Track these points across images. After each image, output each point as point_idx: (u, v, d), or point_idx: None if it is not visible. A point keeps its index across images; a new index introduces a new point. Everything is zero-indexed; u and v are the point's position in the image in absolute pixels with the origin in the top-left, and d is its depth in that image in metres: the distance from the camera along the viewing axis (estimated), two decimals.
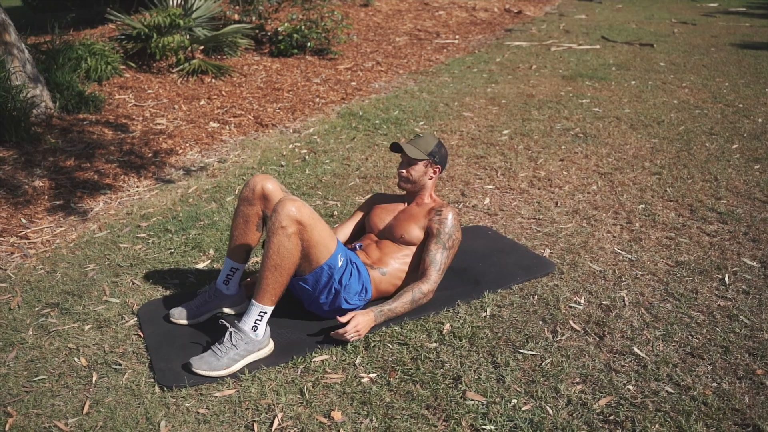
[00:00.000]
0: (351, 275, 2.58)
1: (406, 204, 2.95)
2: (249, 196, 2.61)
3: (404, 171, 2.86)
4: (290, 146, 4.93)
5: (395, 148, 2.88)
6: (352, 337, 2.48)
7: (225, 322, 2.43)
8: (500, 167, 4.41)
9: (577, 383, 2.26)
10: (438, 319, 2.65)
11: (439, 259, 2.70)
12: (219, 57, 7.26)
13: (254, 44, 7.88)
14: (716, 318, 2.64)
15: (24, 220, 3.63)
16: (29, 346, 2.53)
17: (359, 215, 3.08)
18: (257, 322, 2.37)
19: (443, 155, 2.91)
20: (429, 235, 2.76)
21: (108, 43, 6.50)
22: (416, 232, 2.78)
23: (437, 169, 2.89)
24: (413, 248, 2.78)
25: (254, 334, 2.37)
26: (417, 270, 2.76)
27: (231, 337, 2.36)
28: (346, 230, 3.05)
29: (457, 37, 9.93)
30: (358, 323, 2.49)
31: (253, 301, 2.37)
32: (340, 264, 2.50)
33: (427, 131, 2.78)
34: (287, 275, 2.36)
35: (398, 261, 2.77)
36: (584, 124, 5.37)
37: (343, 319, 2.49)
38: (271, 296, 2.36)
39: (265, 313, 2.38)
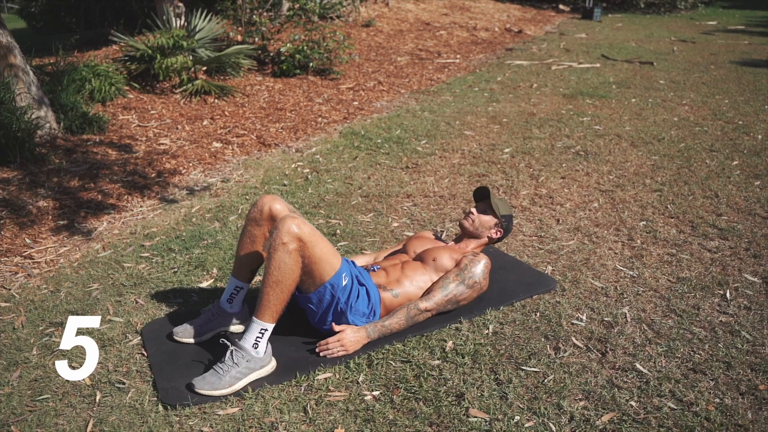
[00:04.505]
0: (358, 296, 2.58)
1: (450, 243, 3.04)
2: (257, 216, 2.63)
3: (475, 212, 2.97)
4: (293, 166, 4.96)
5: (482, 191, 3.02)
6: (337, 351, 2.49)
7: (226, 341, 2.44)
8: (502, 185, 4.43)
9: (580, 400, 2.26)
10: (441, 336, 2.65)
11: (451, 288, 2.71)
12: (222, 77, 7.32)
13: (257, 65, 7.94)
14: (718, 334, 2.64)
15: (28, 240, 3.65)
16: (33, 365, 2.54)
17: (401, 244, 3.12)
18: (258, 339, 2.38)
19: (509, 228, 3.04)
20: (455, 267, 2.79)
21: (112, 64, 6.56)
22: (446, 261, 2.79)
23: (499, 233, 3.00)
24: (436, 277, 2.78)
25: (255, 351, 2.37)
26: None
27: (232, 355, 2.36)
28: (384, 255, 3.09)
29: (458, 56, 10.01)
30: (343, 338, 2.50)
31: (253, 318, 2.38)
32: (344, 283, 2.51)
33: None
34: (288, 292, 2.37)
35: (415, 285, 2.75)
36: (585, 142, 5.40)
37: (337, 328, 2.53)
38: (272, 313, 2.37)
39: (266, 330, 2.38)
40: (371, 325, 2.57)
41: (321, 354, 2.52)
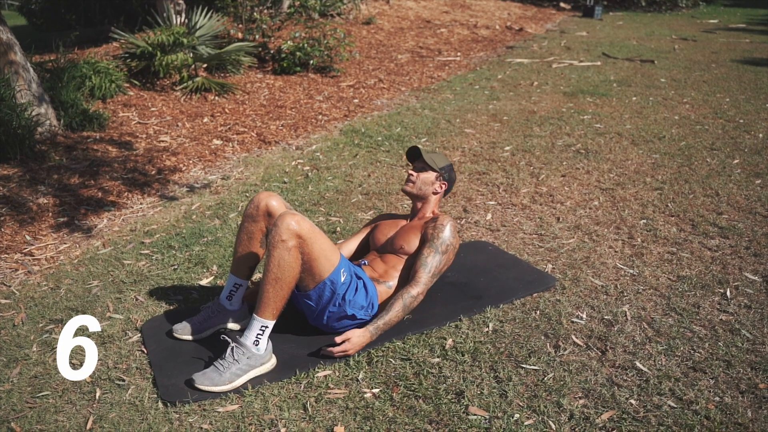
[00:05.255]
0: (357, 290, 2.59)
1: (408, 220, 3.01)
2: (253, 212, 2.63)
3: (414, 174, 2.95)
4: (293, 163, 4.95)
5: (414, 151, 3.01)
6: (339, 355, 2.48)
7: (226, 338, 2.44)
8: (502, 183, 4.43)
9: (580, 398, 2.26)
10: (440, 334, 2.65)
11: (430, 262, 2.71)
12: (222, 75, 7.31)
13: (257, 62, 7.94)
14: (718, 332, 2.64)
15: (28, 237, 3.65)
16: (33, 362, 2.54)
17: (364, 232, 3.12)
18: (259, 336, 2.38)
19: (452, 177, 3.03)
20: (423, 241, 2.79)
21: (112, 61, 6.55)
22: (414, 242, 2.81)
23: (444, 186, 2.98)
24: (413, 261, 2.80)
25: (256, 348, 2.37)
26: None
27: (233, 352, 2.36)
28: (351, 246, 3.07)
29: (458, 54, 10.00)
30: (347, 344, 2.49)
31: (254, 315, 2.38)
32: (342, 279, 2.51)
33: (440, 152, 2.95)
34: (288, 289, 2.38)
35: (402, 275, 2.79)
36: (586, 140, 5.39)
37: (338, 339, 2.49)
38: (273, 310, 2.37)
39: (267, 327, 2.38)
40: (372, 326, 2.55)
41: (325, 353, 2.50)
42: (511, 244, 3.53)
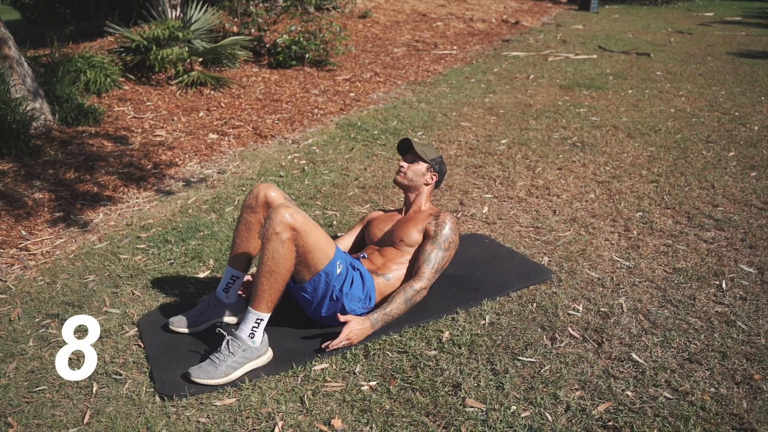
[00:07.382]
0: (353, 283, 2.59)
1: (403, 213, 3.04)
2: (252, 203, 2.63)
3: (405, 165, 3.00)
4: (289, 157, 4.95)
5: (404, 143, 3.05)
6: (342, 344, 2.49)
7: (222, 331, 2.45)
8: (498, 176, 4.43)
9: (576, 389, 2.27)
10: (437, 327, 2.66)
11: (433, 258, 2.74)
12: (218, 69, 7.29)
13: (253, 56, 7.92)
14: (714, 324, 2.65)
15: (24, 232, 3.64)
16: (30, 357, 2.53)
17: (358, 228, 3.15)
18: (254, 329, 2.38)
19: (443, 169, 3.08)
20: (426, 237, 2.82)
21: (107, 55, 6.53)
22: (415, 235, 2.83)
23: (435, 177, 3.03)
24: (412, 251, 2.82)
25: (251, 341, 2.37)
26: None
27: (228, 345, 2.36)
28: (347, 241, 3.10)
29: (455, 47, 9.98)
30: (350, 332, 2.50)
31: (249, 308, 2.38)
32: (338, 271, 2.51)
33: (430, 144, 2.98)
34: (283, 281, 2.37)
35: (401, 266, 2.80)
36: (582, 133, 5.39)
37: (342, 318, 2.51)
38: (267, 303, 2.37)
39: (262, 320, 2.38)
40: (373, 316, 2.57)
41: (329, 349, 2.49)
42: (508, 236, 3.53)
